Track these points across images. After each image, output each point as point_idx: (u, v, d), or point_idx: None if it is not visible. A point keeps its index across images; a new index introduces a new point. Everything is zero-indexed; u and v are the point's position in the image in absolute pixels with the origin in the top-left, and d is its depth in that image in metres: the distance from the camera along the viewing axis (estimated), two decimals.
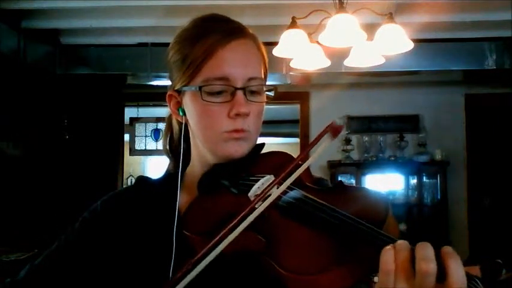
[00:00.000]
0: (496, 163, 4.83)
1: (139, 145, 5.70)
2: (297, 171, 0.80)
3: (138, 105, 5.56)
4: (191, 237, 0.79)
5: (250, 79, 0.86)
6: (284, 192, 0.79)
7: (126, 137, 5.43)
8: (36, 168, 3.91)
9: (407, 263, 0.62)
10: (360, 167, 4.95)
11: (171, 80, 0.93)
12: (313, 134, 5.15)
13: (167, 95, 0.93)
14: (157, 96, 4.29)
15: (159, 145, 5.59)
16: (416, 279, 0.61)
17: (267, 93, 0.90)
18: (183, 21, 0.94)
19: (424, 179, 4.98)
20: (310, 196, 0.79)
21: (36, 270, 0.90)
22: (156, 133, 5.66)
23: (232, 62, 0.85)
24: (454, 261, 0.60)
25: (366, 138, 5.10)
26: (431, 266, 0.60)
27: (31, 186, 3.80)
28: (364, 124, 5.11)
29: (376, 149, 5.08)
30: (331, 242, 0.72)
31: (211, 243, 0.72)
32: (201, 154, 0.92)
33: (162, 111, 1.38)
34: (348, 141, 5.02)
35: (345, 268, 0.69)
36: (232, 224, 0.73)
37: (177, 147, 0.97)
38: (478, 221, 4.85)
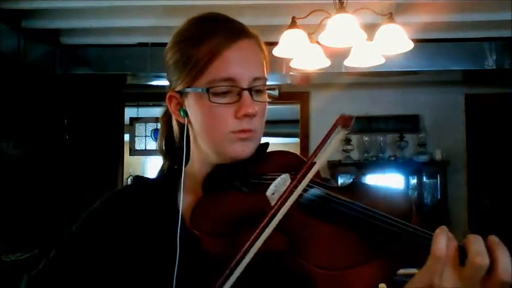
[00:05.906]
0: (496, 163, 4.83)
1: (139, 145, 5.70)
2: (313, 168, 0.79)
3: (138, 105, 5.56)
4: (201, 236, 0.79)
5: (255, 79, 0.86)
6: (305, 190, 0.79)
7: (126, 137, 5.43)
8: (36, 168, 3.90)
9: (457, 253, 0.64)
10: (360, 167, 4.95)
11: (170, 81, 0.93)
12: (313, 134, 5.15)
13: (167, 96, 0.93)
14: (157, 96, 4.24)
15: None
16: (467, 271, 0.62)
17: (271, 92, 0.91)
18: (183, 21, 0.93)
19: (424, 179, 4.98)
20: (333, 193, 0.79)
21: (40, 275, 0.88)
22: (156, 133, 5.65)
23: (237, 63, 0.85)
24: (503, 252, 0.62)
25: (366, 138, 5.10)
26: (486, 260, 0.61)
27: (31, 186, 3.79)
28: (364, 124, 5.11)
29: (376, 149, 5.08)
30: (359, 237, 0.72)
31: (248, 243, 0.71)
32: (203, 154, 0.92)
33: None
34: (348, 141, 5.02)
35: (374, 264, 0.69)
36: (263, 223, 0.72)
37: (175, 147, 0.97)
38: (478, 221, 4.85)
